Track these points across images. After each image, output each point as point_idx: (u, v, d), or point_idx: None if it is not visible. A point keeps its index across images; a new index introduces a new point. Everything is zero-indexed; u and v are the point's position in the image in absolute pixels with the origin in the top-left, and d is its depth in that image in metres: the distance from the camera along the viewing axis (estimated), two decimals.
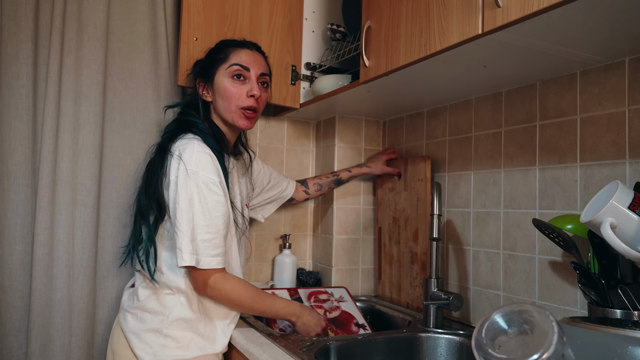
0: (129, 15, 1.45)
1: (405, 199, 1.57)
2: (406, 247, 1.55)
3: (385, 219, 1.66)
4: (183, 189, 1.12)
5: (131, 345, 1.16)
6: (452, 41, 0.97)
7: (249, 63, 1.26)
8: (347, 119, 1.74)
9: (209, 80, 1.28)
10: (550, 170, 1.17)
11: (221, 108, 1.27)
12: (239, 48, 1.28)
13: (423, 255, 1.48)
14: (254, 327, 1.26)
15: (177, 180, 1.13)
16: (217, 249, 1.13)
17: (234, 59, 1.26)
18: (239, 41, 1.32)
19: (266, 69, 1.31)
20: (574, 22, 0.84)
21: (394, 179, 1.64)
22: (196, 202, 1.11)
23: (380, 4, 1.21)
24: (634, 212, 0.79)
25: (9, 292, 1.30)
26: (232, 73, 1.25)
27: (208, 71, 1.28)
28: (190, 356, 1.15)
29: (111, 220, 1.41)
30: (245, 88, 1.25)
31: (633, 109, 1.00)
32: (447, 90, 1.36)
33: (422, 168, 1.52)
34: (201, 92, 1.30)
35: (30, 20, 1.33)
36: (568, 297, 1.11)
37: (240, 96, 1.25)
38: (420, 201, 1.52)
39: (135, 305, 1.20)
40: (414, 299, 1.51)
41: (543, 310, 0.64)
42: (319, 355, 1.06)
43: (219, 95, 1.26)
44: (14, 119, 1.31)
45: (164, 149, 1.21)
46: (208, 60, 1.30)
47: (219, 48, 1.31)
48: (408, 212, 1.56)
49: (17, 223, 1.32)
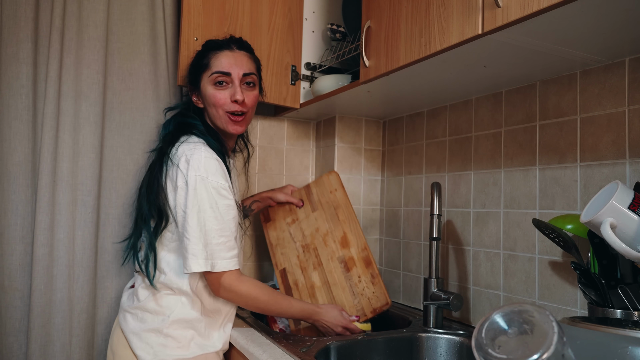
0: (128, 16, 1.45)
1: (317, 217, 1.53)
2: (332, 261, 1.44)
3: (290, 255, 1.53)
4: (193, 195, 1.11)
5: (131, 346, 1.16)
6: (452, 41, 0.97)
7: (229, 67, 1.23)
8: (347, 119, 1.74)
9: (196, 87, 1.28)
10: (550, 170, 1.17)
11: (211, 115, 1.27)
12: (218, 52, 1.25)
13: (362, 252, 1.42)
14: (254, 327, 1.26)
15: (187, 186, 1.12)
16: (232, 251, 1.14)
17: (214, 65, 1.23)
18: (220, 42, 1.28)
19: (250, 67, 1.27)
20: (574, 22, 0.84)
21: (287, 214, 1.57)
22: (207, 208, 1.11)
23: (380, 4, 1.21)
24: (634, 212, 0.79)
25: (9, 292, 1.30)
26: (214, 80, 1.23)
27: (194, 78, 1.28)
28: (190, 355, 1.15)
29: (110, 220, 1.41)
30: (228, 93, 1.23)
31: (633, 109, 1.00)
32: (447, 90, 1.36)
33: (330, 181, 1.56)
34: (193, 99, 1.30)
35: (30, 20, 1.32)
36: (568, 297, 1.11)
37: (225, 102, 1.23)
38: (340, 208, 1.51)
39: (136, 306, 1.20)
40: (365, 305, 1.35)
41: (543, 310, 0.64)
42: (319, 355, 1.06)
43: (207, 102, 1.26)
44: (13, 119, 1.31)
45: (164, 154, 1.20)
46: (194, 67, 1.29)
47: (202, 53, 1.29)
48: (325, 227, 1.50)
49: (17, 223, 1.31)
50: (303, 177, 1.84)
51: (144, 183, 1.26)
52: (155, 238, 1.19)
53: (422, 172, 1.59)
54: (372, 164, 1.79)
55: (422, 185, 1.59)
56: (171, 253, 1.19)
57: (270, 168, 1.78)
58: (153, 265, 1.18)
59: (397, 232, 1.69)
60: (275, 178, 1.79)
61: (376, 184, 1.79)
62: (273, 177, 1.79)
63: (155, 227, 1.19)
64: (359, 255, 1.43)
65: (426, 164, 1.58)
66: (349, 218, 1.49)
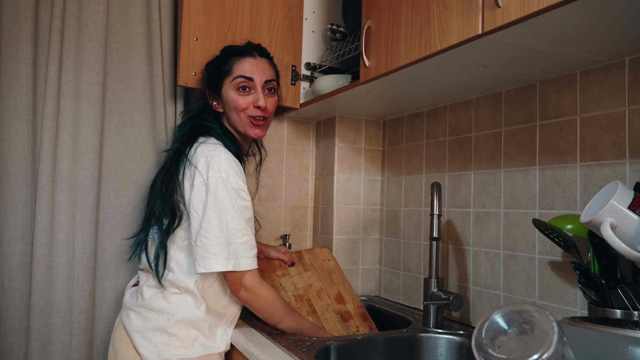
0: (126, 15, 1.45)
1: (310, 276, 1.49)
2: (328, 311, 1.41)
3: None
4: (214, 196, 1.12)
5: (135, 344, 1.16)
6: (452, 41, 0.97)
7: (252, 73, 1.26)
8: (347, 119, 1.74)
9: (217, 92, 1.30)
10: (550, 170, 1.17)
11: (232, 119, 1.29)
12: (241, 58, 1.28)
13: (359, 309, 1.45)
14: (254, 327, 1.26)
15: (206, 187, 1.13)
16: (254, 250, 1.16)
17: (237, 70, 1.26)
18: (241, 48, 1.31)
19: (271, 73, 1.31)
20: (574, 22, 0.84)
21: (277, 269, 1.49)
22: (230, 208, 1.12)
23: (380, 4, 1.21)
24: (634, 212, 0.79)
25: (8, 292, 1.30)
26: (237, 85, 1.26)
27: (215, 83, 1.30)
28: (194, 355, 1.15)
29: (109, 220, 1.41)
30: (251, 98, 1.26)
31: (633, 109, 1.00)
32: (447, 90, 1.36)
33: (323, 253, 1.59)
34: (212, 103, 1.32)
35: (30, 20, 1.32)
36: (568, 297, 1.11)
37: (247, 107, 1.26)
38: (333, 273, 1.52)
39: (140, 304, 1.20)
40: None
41: (543, 310, 0.64)
42: (319, 355, 1.06)
43: (228, 107, 1.28)
44: (13, 119, 1.31)
45: (181, 154, 1.21)
46: (214, 72, 1.31)
47: (222, 58, 1.31)
48: (318, 284, 1.47)
49: (16, 223, 1.31)
50: (303, 177, 1.84)
51: (157, 181, 1.26)
52: (167, 236, 1.19)
53: (422, 172, 1.59)
54: (372, 164, 1.79)
55: (422, 185, 1.59)
56: (181, 252, 1.19)
57: (270, 168, 1.78)
58: (163, 263, 1.18)
59: (397, 232, 1.69)
60: (276, 178, 1.79)
61: (376, 184, 1.79)
62: (273, 177, 1.79)
63: (168, 226, 1.19)
64: (356, 311, 1.43)
65: (426, 164, 1.58)
66: (343, 282, 1.50)
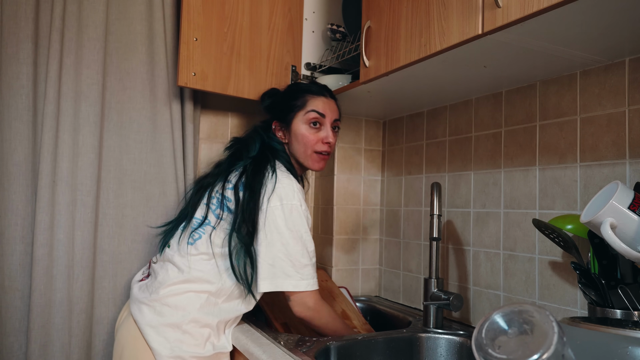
0: (126, 15, 1.45)
1: None
2: None
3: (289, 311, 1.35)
4: (290, 219, 1.18)
5: (146, 338, 1.16)
6: (452, 41, 0.97)
7: (324, 110, 1.31)
8: (347, 119, 1.74)
9: (286, 124, 1.33)
10: (550, 170, 1.17)
11: (297, 151, 1.33)
12: (315, 96, 1.33)
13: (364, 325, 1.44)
14: (254, 327, 1.26)
15: (282, 211, 1.17)
16: (315, 270, 1.23)
17: (311, 105, 1.31)
18: (314, 88, 1.36)
19: (338, 114, 1.37)
20: (574, 22, 0.84)
21: None
22: (304, 233, 1.19)
23: (380, 4, 1.21)
24: (634, 212, 0.79)
25: (9, 292, 1.30)
26: (310, 120, 1.30)
27: (286, 116, 1.33)
28: (206, 354, 1.17)
29: (108, 221, 1.41)
30: (321, 134, 1.31)
31: (633, 109, 1.00)
32: (447, 90, 1.36)
33: (321, 275, 1.57)
34: (278, 135, 1.35)
35: (30, 20, 1.33)
36: (568, 297, 1.11)
37: (316, 142, 1.31)
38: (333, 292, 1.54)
39: (154, 298, 1.20)
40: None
41: (543, 310, 0.64)
42: (319, 355, 1.06)
43: (296, 139, 1.32)
44: (14, 119, 1.31)
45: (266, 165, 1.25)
46: (285, 106, 1.35)
47: (294, 93, 1.35)
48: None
49: (17, 223, 1.31)
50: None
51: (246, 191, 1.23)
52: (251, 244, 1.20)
53: (422, 172, 1.59)
54: (372, 164, 1.79)
55: (422, 185, 1.59)
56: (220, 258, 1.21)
57: None
58: (250, 269, 1.19)
59: (397, 232, 1.69)
60: None
61: (376, 184, 1.79)
62: None
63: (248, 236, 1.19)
64: (362, 327, 1.43)
65: (426, 164, 1.58)
66: (344, 301, 1.51)
